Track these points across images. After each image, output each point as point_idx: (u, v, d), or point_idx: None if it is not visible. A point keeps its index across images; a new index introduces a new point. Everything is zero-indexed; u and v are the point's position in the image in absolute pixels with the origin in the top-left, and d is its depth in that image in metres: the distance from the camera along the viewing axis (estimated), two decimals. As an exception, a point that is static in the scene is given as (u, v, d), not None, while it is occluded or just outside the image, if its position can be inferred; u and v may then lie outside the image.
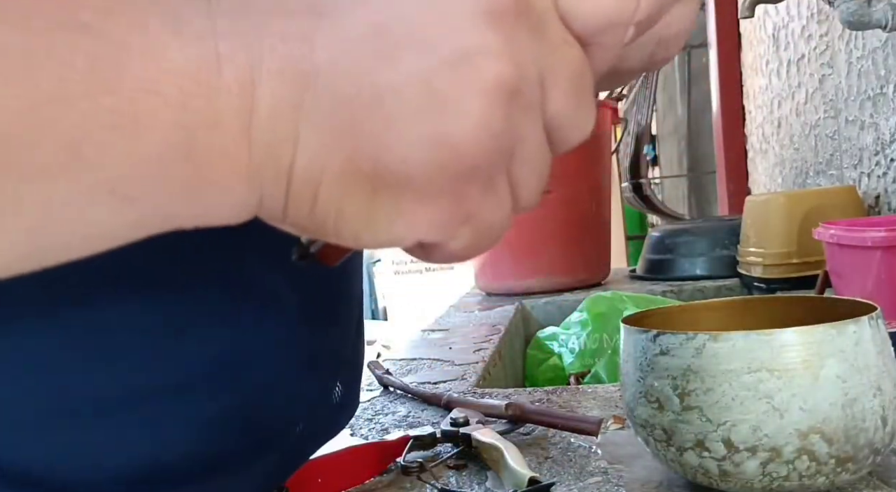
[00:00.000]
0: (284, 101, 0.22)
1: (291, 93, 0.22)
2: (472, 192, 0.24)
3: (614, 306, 1.09)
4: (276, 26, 0.22)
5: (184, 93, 0.21)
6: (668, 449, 0.41)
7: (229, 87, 0.22)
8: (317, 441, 0.45)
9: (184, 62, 0.21)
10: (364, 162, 0.23)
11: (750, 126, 1.92)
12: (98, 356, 0.30)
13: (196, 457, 0.33)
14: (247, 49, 0.22)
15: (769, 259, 1.15)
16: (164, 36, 0.21)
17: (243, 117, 0.22)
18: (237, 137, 0.22)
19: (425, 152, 0.23)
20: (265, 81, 0.22)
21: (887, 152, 1.12)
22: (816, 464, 0.38)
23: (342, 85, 0.22)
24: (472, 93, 0.22)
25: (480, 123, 0.23)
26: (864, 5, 0.90)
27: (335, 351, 0.42)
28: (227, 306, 0.33)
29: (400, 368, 0.89)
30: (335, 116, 0.22)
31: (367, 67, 0.22)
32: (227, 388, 0.33)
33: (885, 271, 0.73)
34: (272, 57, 0.22)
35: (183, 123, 0.21)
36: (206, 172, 0.22)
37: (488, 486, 0.48)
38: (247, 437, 0.35)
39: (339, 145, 0.23)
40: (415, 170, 0.23)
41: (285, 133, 0.22)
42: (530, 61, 0.24)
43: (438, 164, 0.23)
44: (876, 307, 0.41)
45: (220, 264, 0.33)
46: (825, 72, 1.33)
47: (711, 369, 0.39)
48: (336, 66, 0.22)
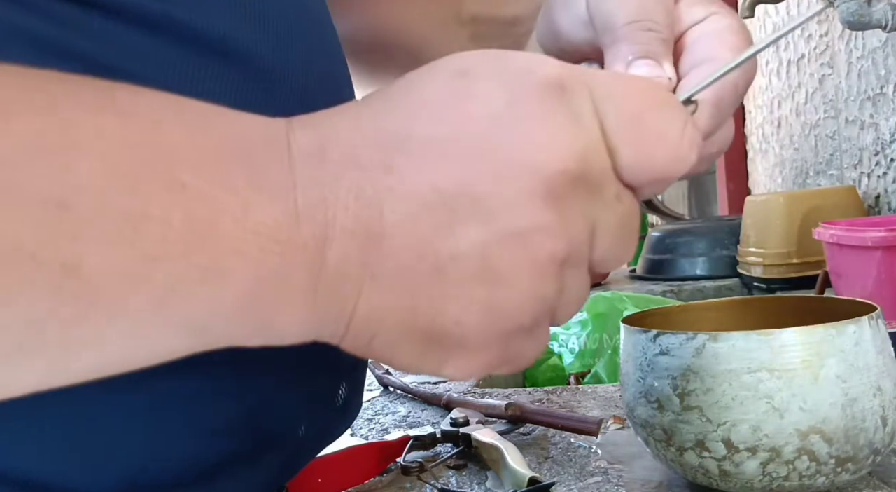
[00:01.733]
0: (352, 260, 0.23)
1: (360, 252, 0.23)
2: (516, 342, 0.26)
3: (614, 306, 1.08)
4: (350, 181, 0.24)
5: (263, 251, 0.22)
6: (668, 449, 0.41)
7: (305, 243, 0.23)
8: (320, 443, 0.45)
9: (266, 221, 0.22)
10: (420, 319, 0.24)
11: (750, 126, 1.92)
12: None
13: (198, 459, 0.33)
14: (323, 206, 0.23)
15: (769, 259, 1.15)
16: (248, 193, 0.22)
17: (313, 272, 0.23)
18: (304, 288, 0.23)
19: (478, 317, 0.24)
20: (338, 239, 0.23)
21: (887, 152, 1.12)
22: (816, 464, 0.38)
23: (406, 249, 0.24)
24: (524, 268, 0.24)
25: (531, 295, 0.24)
26: (864, 5, 0.90)
27: (337, 352, 0.42)
28: None
29: (400, 368, 0.89)
30: (397, 277, 0.24)
31: (431, 236, 0.24)
32: (230, 390, 0.33)
33: (885, 271, 0.73)
34: (345, 215, 0.23)
35: (257, 276, 0.23)
36: (274, 314, 0.24)
37: (488, 486, 0.48)
38: (249, 439, 0.35)
39: (398, 302, 0.24)
40: (467, 331, 0.25)
41: (350, 288, 0.24)
42: (583, 223, 0.25)
43: (490, 327, 0.25)
44: (876, 307, 0.41)
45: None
46: (825, 72, 1.33)
47: (711, 368, 0.39)
48: (402, 231, 0.24)
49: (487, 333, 0.25)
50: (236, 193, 0.22)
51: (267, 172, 0.23)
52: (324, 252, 0.23)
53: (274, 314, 0.24)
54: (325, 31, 0.39)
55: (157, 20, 0.29)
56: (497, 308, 0.24)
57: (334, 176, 0.23)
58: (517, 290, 0.24)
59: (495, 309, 0.24)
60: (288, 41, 0.34)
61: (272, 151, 0.24)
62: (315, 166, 0.24)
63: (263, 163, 0.23)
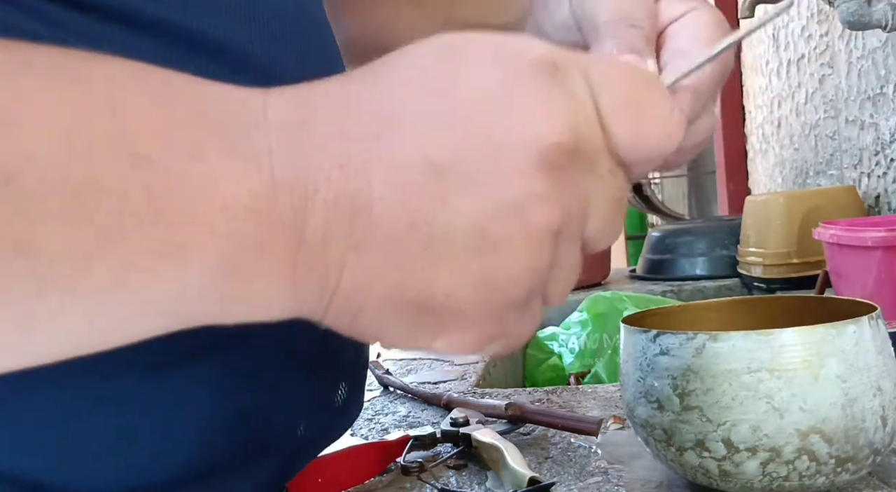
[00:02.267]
0: (335, 231, 0.23)
1: (344, 223, 0.23)
2: (509, 316, 0.26)
3: (614, 306, 1.09)
4: (335, 150, 0.23)
5: (235, 221, 0.22)
6: (668, 449, 0.41)
7: (282, 214, 0.22)
8: (319, 444, 0.45)
9: (238, 192, 0.22)
10: (409, 292, 0.24)
11: (750, 126, 1.92)
12: (100, 361, 0.30)
13: (197, 460, 0.33)
14: (304, 176, 0.22)
15: (769, 259, 1.15)
16: (219, 162, 0.22)
17: (292, 243, 0.23)
18: (282, 262, 0.23)
19: (471, 288, 0.24)
20: (319, 211, 0.22)
21: (887, 152, 1.12)
22: (816, 464, 0.38)
23: (395, 221, 0.23)
24: (519, 238, 0.24)
25: (525, 266, 0.24)
26: (864, 5, 0.90)
27: (338, 354, 0.42)
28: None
29: (400, 368, 0.89)
30: (384, 249, 0.23)
31: (423, 207, 0.23)
32: (229, 391, 0.33)
33: (885, 271, 0.73)
34: (328, 187, 0.23)
35: (229, 249, 0.22)
36: (247, 289, 0.23)
37: (488, 486, 0.48)
38: (248, 440, 0.35)
39: (385, 275, 0.24)
40: (459, 303, 0.24)
41: (332, 260, 0.23)
42: (578, 196, 0.25)
43: (483, 299, 0.24)
44: (876, 307, 0.41)
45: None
46: (825, 72, 1.33)
47: (711, 368, 0.39)
48: (391, 201, 0.23)
49: (480, 306, 0.24)
50: (205, 162, 0.21)
51: (240, 139, 0.22)
52: (304, 224, 0.22)
53: (249, 290, 0.23)
54: (321, 33, 0.39)
55: (151, 22, 0.29)
56: (491, 280, 0.24)
57: (316, 145, 0.23)
58: (511, 260, 0.24)
59: (489, 281, 0.24)
60: (284, 42, 0.34)
61: (247, 119, 0.23)
62: (294, 135, 0.23)
63: (237, 131, 0.22)
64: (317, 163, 0.23)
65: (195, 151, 0.21)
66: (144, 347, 0.31)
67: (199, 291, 0.22)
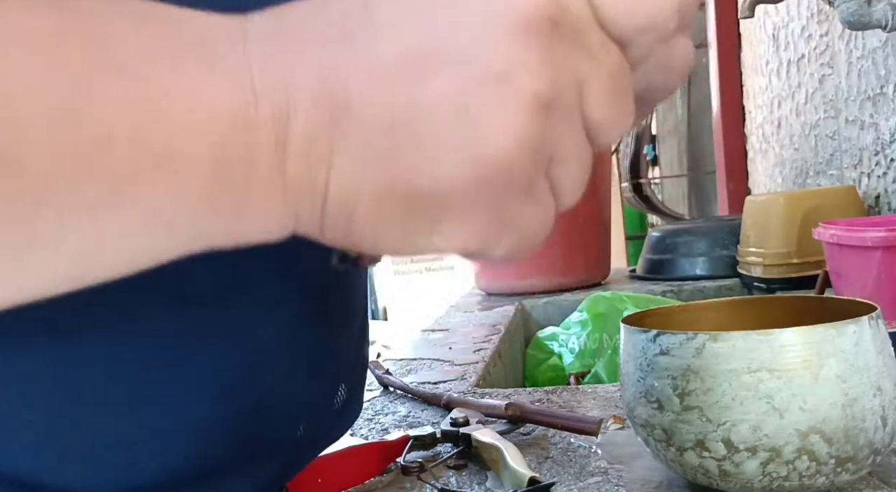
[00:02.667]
0: (318, 132, 0.23)
1: (325, 124, 0.23)
2: (511, 201, 0.24)
3: (614, 306, 1.09)
4: (311, 56, 0.23)
5: (221, 131, 0.22)
6: (668, 449, 0.41)
7: (265, 122, 0.22)
8: (319, 445, 0.45)
9: (221, 102, 0.22)
10: (399, 184, 0.23)
11: (750, 126, 1.92)
12: (100, 362, 0.30)
13: (197, 461, 0.33)
14: (282, 83, 0.23)
15: (769, 259, 1.15)
16: (201, 76, 0.22)
17: (278, 149, 0.23)
18: (272, 168, 0.23)
19: (460, 170, 0.23)
20: (300, 114, 0.23)
21: (887, 152, 1.12)
22: (816, 464, 0.38)
23: (376, 113, 0.23)
24: (507, 110, 0.23)
25: (517, 138, 0.23)
26: (864, 5, 0.90)
27: (337, 355, 0.42)
28: (227, 313, 0.33)
29: (400, 368, 0.89)
30: (369, 143, 0.23)
31: (400, 92, 0.23)
32: (228, 392, 0.33)
33: (885, 271, 0.73)
34: (307, 91, 0.23)
35: (220, 158, 0.22)
36: (243, 200, 0.23)
37: (488, 486, 0.48)
38: (248, 440, 0.35)
39: (373, 170, 0.23)
40: (450, 188, 0.23)
41: (319, 161, 0.23)
42: (567, 70, 0.24)
43: (474, 180, 0.23)
44: (876, 307, 0.41)
45: (217, 271, 0.32)
46: (825, 72, 1.33)
47: (711, 368, 0.39)
48: (369, 95, 0.23)
49: (474, 189, 0.23)
50: (187, 75, 0.22)
51: (220, 55, 0.22)
52: (286, 130, 0.23)
53: (243, 202, 0.23)
54: None
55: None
56: (480, 159, 0.23)
57: (294, 54, 0.23)
58: (500, 135, 0.23)
59: (478, 161, 0.23)
60: None
61: (226, 37, 0.23)
62: (272, 47, 0.23)
63: (216, 47, 0.23)
64: (295, 69, 0.23)
65: (176, 65, 0.22)
66: (145, 346, 0.31)
67: (195, 202, 0.22)
